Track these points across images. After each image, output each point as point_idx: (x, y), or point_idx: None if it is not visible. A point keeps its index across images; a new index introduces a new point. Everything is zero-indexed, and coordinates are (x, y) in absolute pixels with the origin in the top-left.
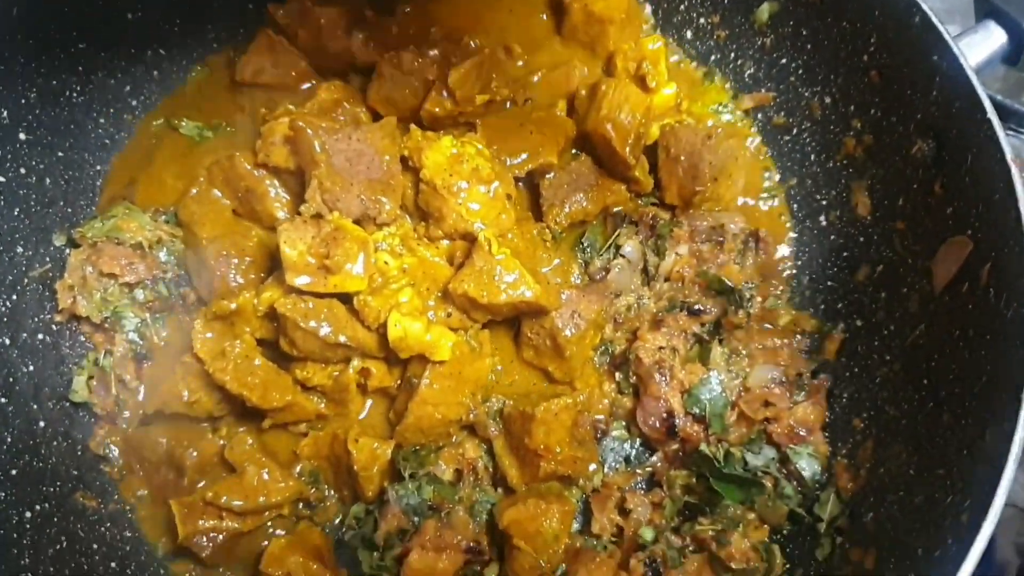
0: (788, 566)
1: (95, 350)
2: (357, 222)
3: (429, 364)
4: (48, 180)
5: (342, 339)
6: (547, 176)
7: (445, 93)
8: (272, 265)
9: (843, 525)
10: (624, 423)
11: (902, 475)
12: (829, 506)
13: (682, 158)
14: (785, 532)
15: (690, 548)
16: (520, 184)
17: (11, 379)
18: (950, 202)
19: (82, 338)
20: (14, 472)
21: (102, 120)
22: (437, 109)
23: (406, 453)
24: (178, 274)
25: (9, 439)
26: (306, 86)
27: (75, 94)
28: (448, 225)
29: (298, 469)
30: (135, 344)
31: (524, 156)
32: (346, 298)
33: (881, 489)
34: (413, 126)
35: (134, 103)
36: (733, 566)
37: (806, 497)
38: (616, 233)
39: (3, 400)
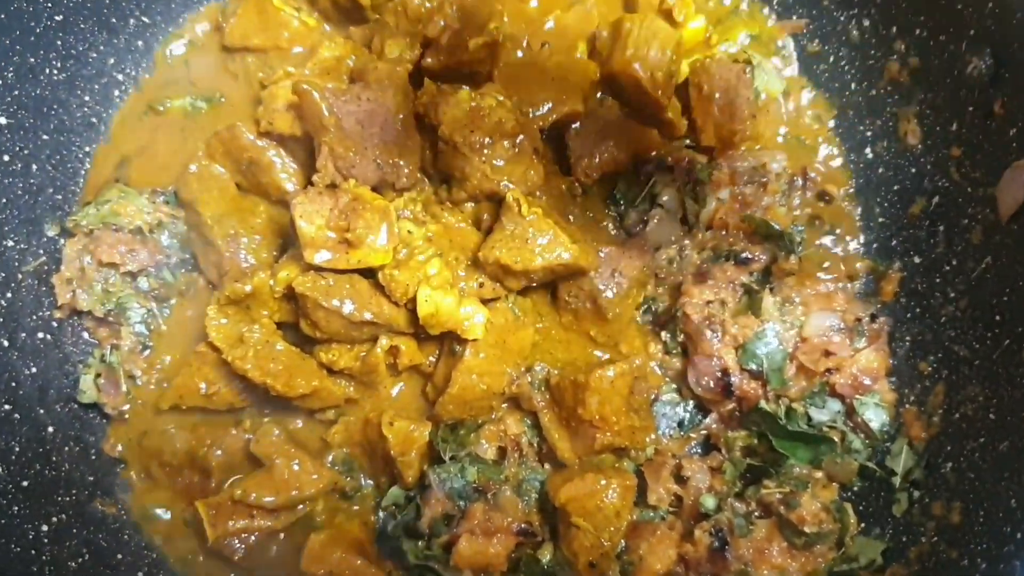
0: (863, 525)
1: (100, 346)
2: (375, 189)
3: None
4: (34, 166)
5: (367, 316)
6: (573, 126)
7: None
8: (285, 242)
9: (919, 478)
10: (674, 385)
11: (980, 420)
12: (902, 458)
13: (717, 96)
14: (856, 489)
15: (756, 513)
16: (543, 136)
17: (13, 383)
18: (1013, 123)
19: (85, 334)
20: (26, 484)
21: (87, 98)
22: (429, 60)
23: (444, 434)
24: (182, 258)
25: (17, 448)
26: (298, 49)
27: (55, 71)
28: (472, 186)
29: (330, 458)
30: (142, 336)
31: (548, 106)
32: (369, 272)
33: (958, 436)
34: (427, 79)
35: (120, 77)
36: (806, 530)
37: (876, 450)
38: (651, 182)
39: (7, 407)
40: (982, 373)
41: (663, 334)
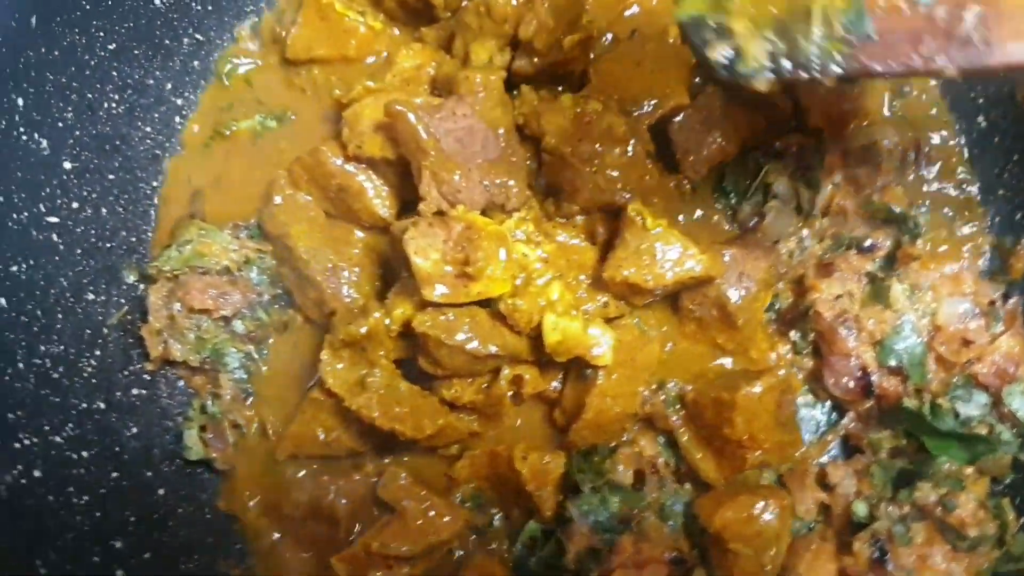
0: (1022, 521)
1: (198, 395)
2: (483, 212)
3: None
4: (104, 209)
5: (492, 350)
6: (675, 120)
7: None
8: (385, 271)
9: None
10: (807, 387)
11: None
12: None
13: None
14: (1008, 482)
15: (911, 516)
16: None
17: (117, 448)
18: None
19: (180, 383)
20: (147, 555)
21: (148, 129)
22: (522, 64)
23: (580, 464)
24: (275, 293)
25: (133, 518)
26: (371, 60)
27: (113, 104)
28: (584, 199)
29: (458, 495)
30: (242, 382)
31: (652, 102)
32: (486, 301)
33: None
34: (524, 87)
35: (179, 102)
36: (969, 533)
37: None
38: (763, 171)
39: (115, 474)
40: None
41: (792, 334)
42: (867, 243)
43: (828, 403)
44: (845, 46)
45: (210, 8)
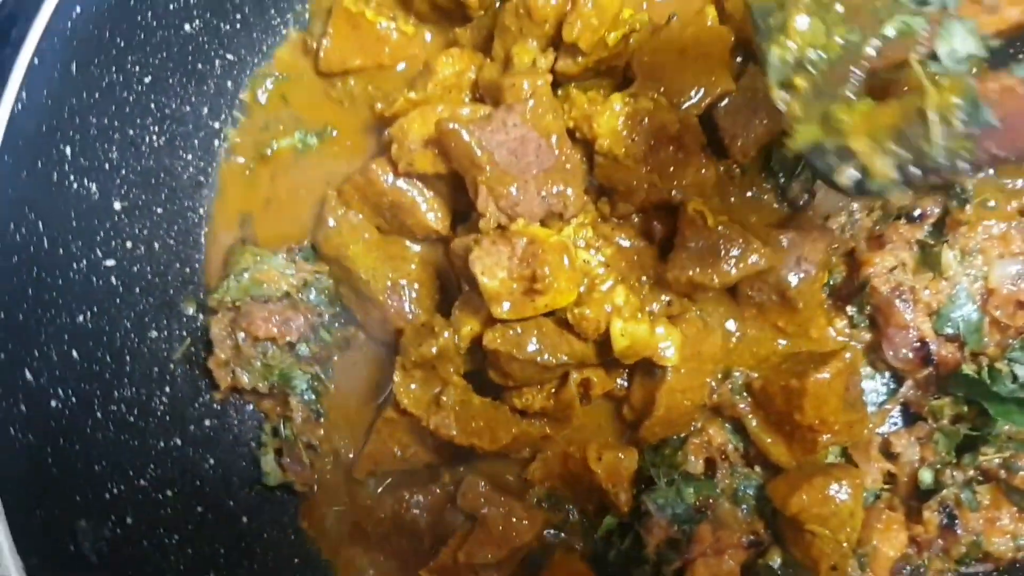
0: None
1: (268, 419)
2: (542, 223)
3: None
4: (156, 244)
5: (562, 359)
6: (721, 105)
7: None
8: (443, 283)
9: None
10: (866, 359)
11: None
12: None
13: None
14: None
15: (976, 481)
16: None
17: (198, 481)
18: None
19: (249, 407)
20: None
21: (189, 156)
22: (567, 64)
23: (652, 458)
24: (333, 312)
25: (223, 550)
26: (402, 66)
27: (154, 137)
28: (639, 198)
29: (534, 498)
30: (312, 403)
31: (700, 91)
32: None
33: None
34: (573, 89)
35: (216, 125)
36: None
37: None
38: None
39: (199, 508)
40: None
41: (849, 308)
42: (916, 212)
43: (887, 373)
44: (969, 140)
45: (239, 27)
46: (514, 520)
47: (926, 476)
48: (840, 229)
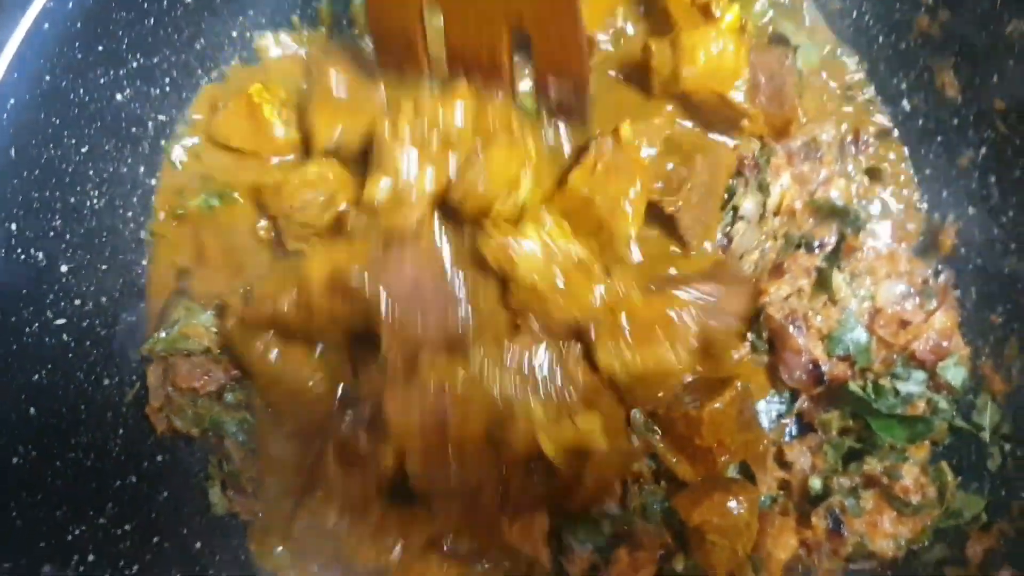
0: (960, 478)
1: (214, 454)
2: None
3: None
4: (103, 298)
5: None
6: (674, 208)
7: None
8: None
9: (1009, 432)
10: (767, 378)
11: None
12: (988, 413)
13: (763, 83)
14: (947, 444)
15: (860, 486)
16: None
17: (153, 514)
18: None
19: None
20: None
21: (129, 214)
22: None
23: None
24: None
25: (179, 575)
26: (277, 159)
27: (94, 200)
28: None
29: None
30: (246, 442)
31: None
32: None
33: None
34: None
35: (152, 182)
36: (912, 500)
37: (960, 404)
38: (731, 195)
39: (156, 539)
40: None
41: (749, 335)
42: (815, 243)
43: (787, 393)
44: None
45: (168, 90)
46: None
47: (816, 483)
48: (754, 266)
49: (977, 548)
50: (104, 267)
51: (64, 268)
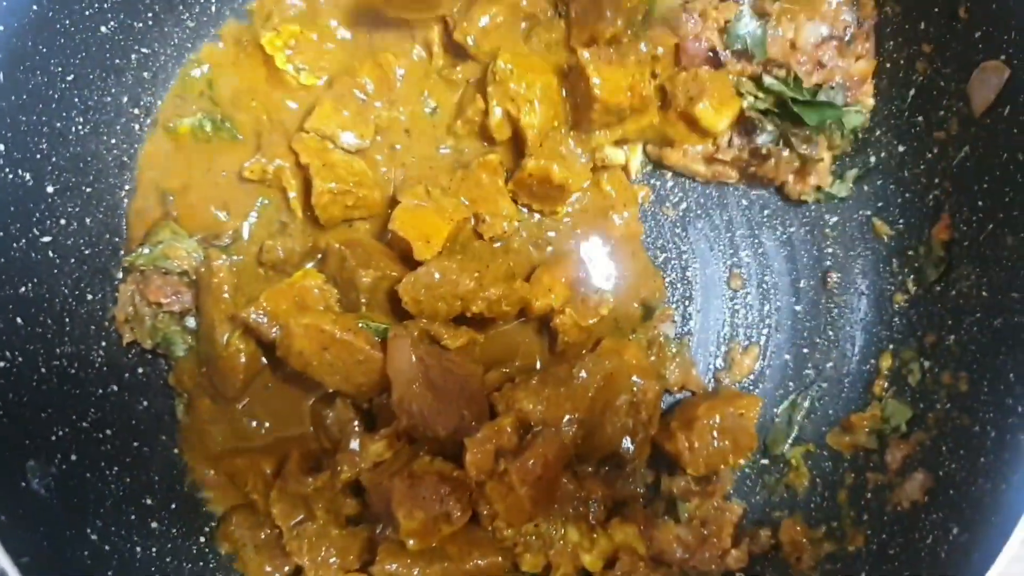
0: (894, 388)
1: None
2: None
3: None
4: (87, 219)
5: None
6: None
7: None
8: None
9: (932, 341)
10: None
11: (975, 297)
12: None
13: None
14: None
15: None
16: None
17: (134, 421)
18: (977, 26)
19: None
20: (173, 506)
21: (113, 141)
22: None
23: None
24: None
25: (157, 477)
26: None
27: (79, 126)
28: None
29: None
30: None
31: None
32: None
33: (957, 311)
34: None
35: (136, 111)
36: None
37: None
38: None
39: (135, 443)
40: (972, 253)
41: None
42: None
43: None
44: None
45: (152, 24)
46: None
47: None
48: None
49: (896, 455)
50: (88, 190)
51: (50, 189)
